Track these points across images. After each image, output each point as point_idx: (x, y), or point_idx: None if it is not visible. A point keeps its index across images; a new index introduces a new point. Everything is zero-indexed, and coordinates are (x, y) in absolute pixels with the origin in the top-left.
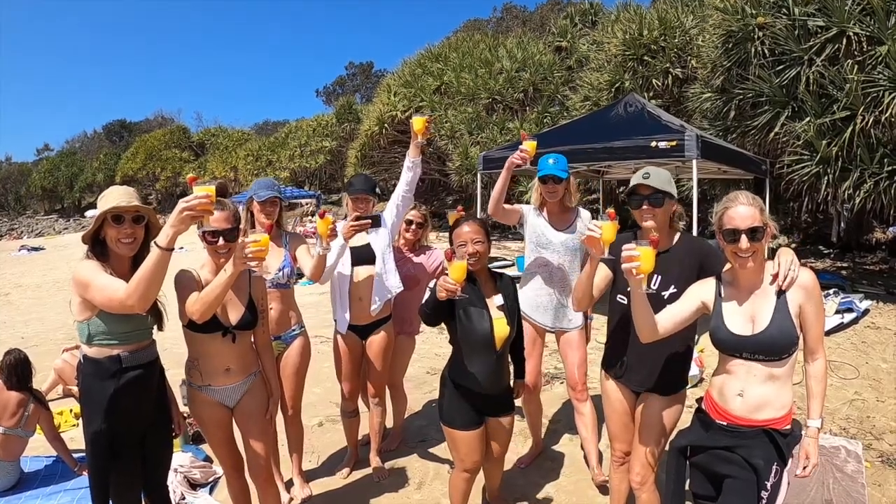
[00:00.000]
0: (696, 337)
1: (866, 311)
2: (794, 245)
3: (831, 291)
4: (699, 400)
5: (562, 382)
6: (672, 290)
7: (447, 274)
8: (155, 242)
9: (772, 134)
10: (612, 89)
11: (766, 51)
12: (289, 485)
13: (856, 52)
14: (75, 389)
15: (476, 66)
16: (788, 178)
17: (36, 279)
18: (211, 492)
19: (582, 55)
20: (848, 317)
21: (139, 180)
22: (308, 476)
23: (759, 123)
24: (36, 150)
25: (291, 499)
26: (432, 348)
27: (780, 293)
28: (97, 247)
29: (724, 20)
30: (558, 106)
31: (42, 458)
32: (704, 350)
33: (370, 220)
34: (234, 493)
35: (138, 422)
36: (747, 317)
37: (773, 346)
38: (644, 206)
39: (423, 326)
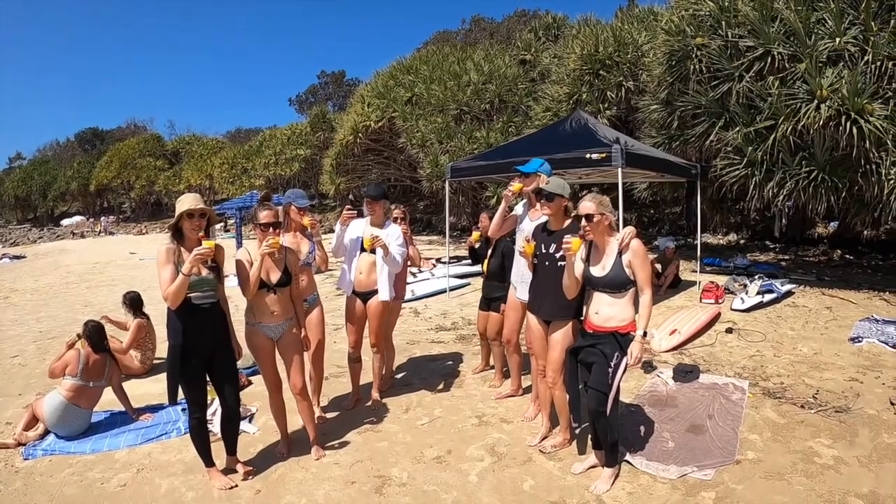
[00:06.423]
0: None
1: (788, 293)
2: (742, 241)
3: (756, 276)
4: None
5: None
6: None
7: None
8: (181, 272)
9: (708, 141)
10: (571, 101)
11: (703, 68)
12: None
13: (778, 69)
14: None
15: (445, 79)
16: (721, 179)
17: (30, 284)
18: (250, 421)
19: (544, 68)
20: (768, 297)
21: (114, 189)
22: (323, 409)
23: (697, 132)
24: (8, 158)
25: None
26: (410, 326)
27: (620, 254)
28: (176, 233)
29: (667, 41)
30: (522, 116)
31: (101, 412)
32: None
33: (357, 213)
34: (274, 406)
35: (204, 342)
36: (600, 266)
37: (612, 283)
38: (542, 201)
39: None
